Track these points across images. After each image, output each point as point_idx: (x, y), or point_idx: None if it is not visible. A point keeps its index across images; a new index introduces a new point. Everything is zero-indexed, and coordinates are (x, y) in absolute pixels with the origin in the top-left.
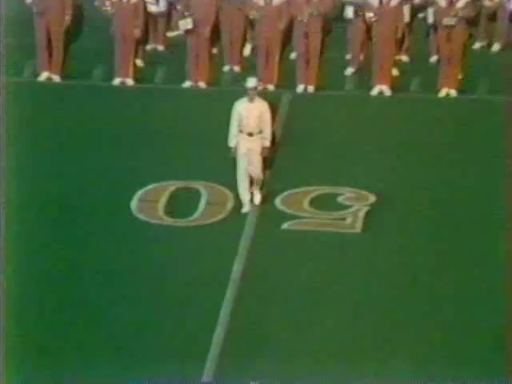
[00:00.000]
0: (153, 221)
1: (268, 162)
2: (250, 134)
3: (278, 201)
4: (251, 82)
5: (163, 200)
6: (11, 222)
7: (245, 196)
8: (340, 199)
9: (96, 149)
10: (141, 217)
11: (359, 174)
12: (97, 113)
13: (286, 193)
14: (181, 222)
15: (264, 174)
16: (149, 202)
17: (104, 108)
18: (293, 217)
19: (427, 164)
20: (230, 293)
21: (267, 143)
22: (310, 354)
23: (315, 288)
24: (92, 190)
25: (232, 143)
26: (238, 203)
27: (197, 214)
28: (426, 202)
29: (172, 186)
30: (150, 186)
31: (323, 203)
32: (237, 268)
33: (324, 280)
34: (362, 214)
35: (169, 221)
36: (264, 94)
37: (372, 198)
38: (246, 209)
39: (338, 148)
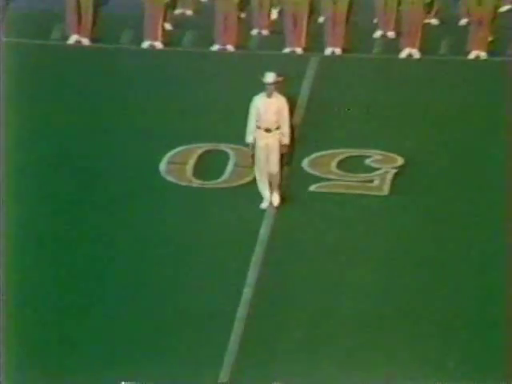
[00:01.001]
0: (181, 183)
1: (286, 159)
2: (268, 130)
3: (305, 163)
4: (269, 77)
5: (191, 162)
6: (35, 181)
7: (265, 191)
8: (368, 162)
9: (124, 111)
10: (169, 179)
11: (387, 136)
12: (125, 76)
13: (313, 155)
14: (209, 184)
15: (281, 171)
16: (177, 165)
17: (132, 71)
18: (320, 179)
19: (456, 126)
20: (256, 255)
21: (286, 140)
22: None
23: (342, 250)
24: (121, 153)
25: (249, 139)
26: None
27: (225, 176)
28: (454, 164)
29: (200, 148)
30: (179, 149)
31: (351, 165)
32: (264, 230)
33: (351, 242)
34: (389, 177)
35: (197, 183)
36: (292, 57)
37: (400, 161)
38: (265, 204)
39: (366, 109)
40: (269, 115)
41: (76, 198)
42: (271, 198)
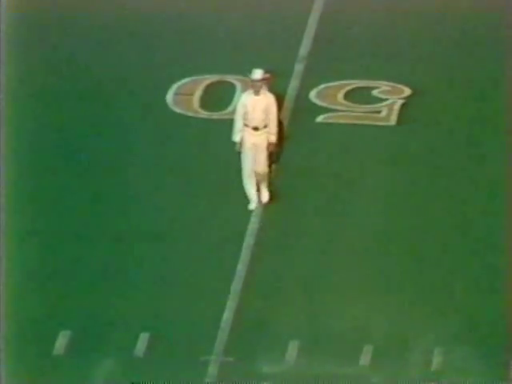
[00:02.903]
0: (188, 113)
1: (274, 157)
2: (256, 129)
3: (312, 94)
4: (257, 74)
5: (198, 93)
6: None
7: (251, 192)
8: (375, 92)
9: (131, 42)
10: (176, 110)
11: (395, 67)
12: (132, 5)
13: (321, 86)
14: (216, 115)
15: (270, 169)
16: (184, 96)
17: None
18: (327, 110)
19: (464, 57)
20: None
21: (273, 138)
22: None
23: (349, 179)
24: (127, 84)
25: (236, 138)
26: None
27: (231, 107)
28: (461, 94)
29: (207, 79)
30: (186, 80)
31: (358, 96)
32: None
33: (358, 171)
34: (397, 107)
35: (204, 113)
36: None
37: (407, 91)
38: (252, 205)
39: (374, 41)
40: (257, 113)
41: (83, 124)
42: (260, 197)
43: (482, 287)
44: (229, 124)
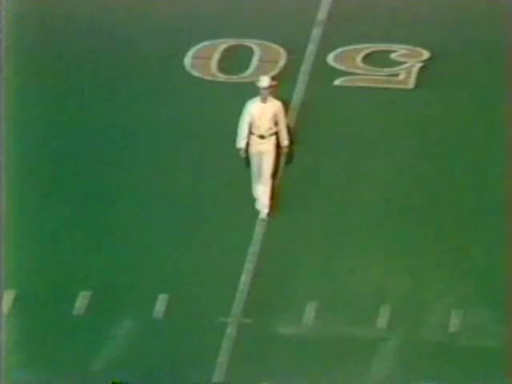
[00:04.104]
0: (206, 77)
1: (288, 158)
2: (262, 137)
3: (330, 57)
4: (264, 81)
5: (216, 57)
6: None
7: (261, 199)
8: (393, 56)
9: (149, 6)
10: (194, 73)
11: (413, 30)
12: None
13: (338, 50)
14: (233, 79)
15: (274, 180)
16: (202, 59)
17: None
18: (345, 73)
19: (483, 20)
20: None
21: (286, 142)
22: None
23: (367, 142)
24: (145, 48)
25: (241, 144)
26: (291, 60)
27: (249, 71)
28: (480, 57)
29: (224, 43)
30: (203, 44)
31: (376, 60)
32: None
33: (376, 135)
34: (415, 70)
35: (222, 77)
36: None
37: (426, 54)
38: (263, 214)
39: (392, 4)
40: (263, 121)
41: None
42: (262, 206)
43: (500, 249)
44: (246, 87)
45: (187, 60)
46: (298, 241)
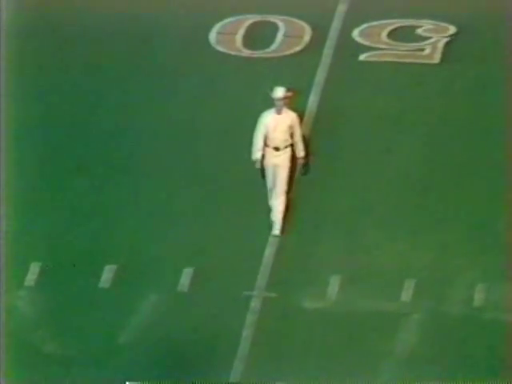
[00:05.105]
0: (231, 52)
1: (304, 169)
2: (277, 149)
3: (355, 33)
4: (279, 92)
5: (241, 32)
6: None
7: (274, 213)
8: (419, 31)
9: None
10: (219, 48)
11: (439, 6)
12: None
13: (364, 25)
14: (258, 54)
15: (288, 195)
16: (227, 35)
17: None
18: (370, 48)
19: None
20: (305, 124)
21: (302, 154)
22: None
23: (392, 117)
24: (171, 23)
25: (256, 155)
26: (316, 36)
27: (274, 46)
28: (506, 32)
29: (249, 19)
30: (228, 19)
31: (402, 35)
32: (313, 98)
33: (401, 110)
34: (441, 45)
35: (246, 52)
36: None
37: (452, 29)
38: (276, 230)
39: None
40: (278, 133)
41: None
42: (273, 226)
43: None
44: (271, 62)
45: (212, 35)
46: (322, 215)
